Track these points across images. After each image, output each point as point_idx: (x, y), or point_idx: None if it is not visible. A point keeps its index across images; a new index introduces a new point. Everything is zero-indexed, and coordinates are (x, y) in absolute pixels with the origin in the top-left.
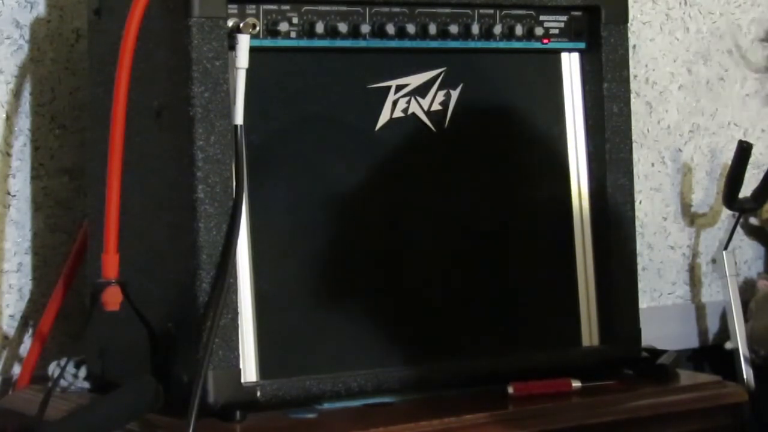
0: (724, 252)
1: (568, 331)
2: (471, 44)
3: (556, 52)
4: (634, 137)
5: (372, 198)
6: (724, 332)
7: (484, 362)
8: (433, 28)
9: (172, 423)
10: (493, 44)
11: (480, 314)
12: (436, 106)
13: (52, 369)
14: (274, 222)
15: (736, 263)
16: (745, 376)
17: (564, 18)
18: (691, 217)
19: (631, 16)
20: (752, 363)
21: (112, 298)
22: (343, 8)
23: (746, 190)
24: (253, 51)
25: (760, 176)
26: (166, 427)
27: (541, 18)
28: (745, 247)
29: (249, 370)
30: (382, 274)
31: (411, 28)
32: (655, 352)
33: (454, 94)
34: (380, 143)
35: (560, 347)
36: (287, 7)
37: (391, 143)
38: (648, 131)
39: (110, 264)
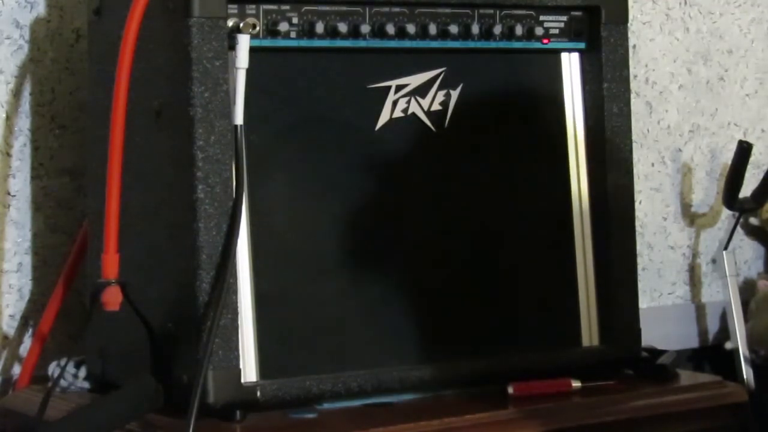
0: (724, 252)
1: (568, 331)
2: (471, 44)
3: (556, 52)
4: (634, 137)
5: (372, 198)
6: (724, 332)
7: (484, 362)
8: (433, 28)
9: (172, 423)
10: (493, 44)
11: (480, 314)
12: (436, 106)
13: (52, 369)
14: (274, 222)
15: (736, 263)
16: (745, 376)
17: (564, 18)
18: (691, 217)
19: (631, 16)
20: (752, 363)
21: (112, 298)
22: (343, 8)
23: (746, 190)
24: (253, 51)
25: (760, 176)
26: (166, 427)
27: (541, 18)
28: (745, 247)
29: (249, 370)
30: (382, 274)
31: (411, 28)
32: (655, 352)
33: (454, 94)
34: (380, 143)
35: (560, 347)
36: (287, 7)
37: (391, 143)
38: (648, 131)
39: (110, 264)
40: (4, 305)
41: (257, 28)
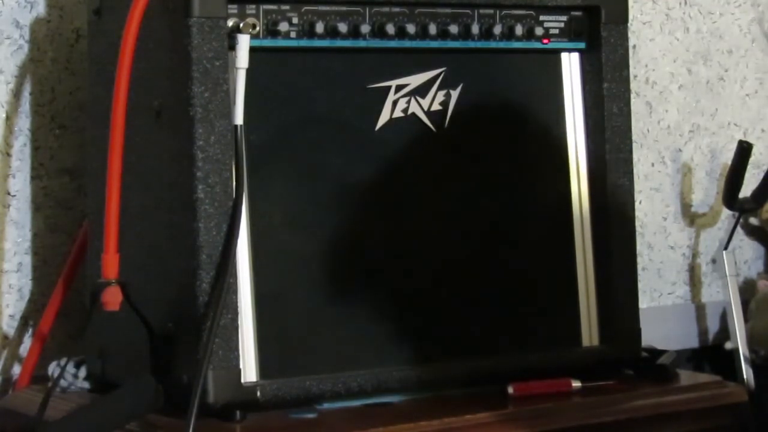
0: (724, 252)
1: (568, 331)
2: (471, 44)
3: (556, 52)
4: (634, 137)
5: (372, 198)
6: (724, 332)
7: (484, 362)
8: (433, 28)
9: (172, 423)
10: (493, 44)
11: (480, 314)
12: (436, 106)
13: (52, 369)
14: (274, 222)
15: (736, 263)
16: (745, 376)
17: (564, 18)
18: (691, 217)
19: (631, 16)
20: (752, 363)
21: (112, 298)
22: (343, 8)
23: (746, 190)
24: (253, 51)
25: (760, 176)
26: (166, 427)
27: (541, 18)
28: (745, 247)
29: (249, 370)
30: (382, 274)
31: (411, 28)
32: (655, 352)
33: (454, 94)
34: (380, 143)
35: (560, 347)
36: (287, 7)
37: (391, 143)
38: (648, 131)
39: (110, 264)
40: (4, 305)
41: (257, 28)
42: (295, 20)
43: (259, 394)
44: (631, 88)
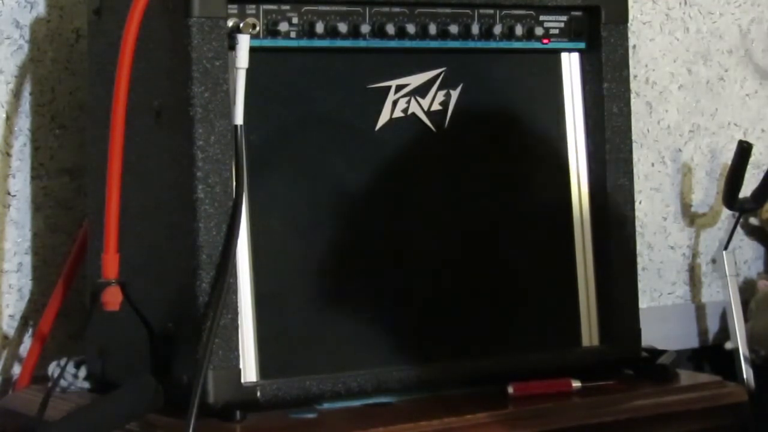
0: (724, 252)
1: (568, 331)
2: (471, 44)
3: (556, 52)
4: (634, 137)
5: (372, 198)
6: (724, 332)
7: (484, 362)
8: (433, 28)
9: (172, 423)
10: (493, 44)
11: (480, 314)
12: (436, 106)
13: (52, 369)
14: (274, 222)
15: (736, 263)
16: (745, 376)
17: (564, 18)
18: (691, 217)
19: (631, 16)
20: (752, 363)
21: (112, 298)
22: (343, 8)
23: (746, 190)
24: (253, 51)
25: (760, 176)
26: (166, 427)
27: (541, 18)
28: (745, 247)
29: (249, 370)
30: (382, 274)
31: (411, 28)
32: (655, 352)
33: (454, 94)
34: (380, 143)
35: (560, 347)
36: (287, 7)
37: (391, 143)
38: (648, 131)
39: (110, 264)
40: (4, 305)
41: (257, 28)
42: (295, 20)
43: (259, 394)
44: (631, 88)
